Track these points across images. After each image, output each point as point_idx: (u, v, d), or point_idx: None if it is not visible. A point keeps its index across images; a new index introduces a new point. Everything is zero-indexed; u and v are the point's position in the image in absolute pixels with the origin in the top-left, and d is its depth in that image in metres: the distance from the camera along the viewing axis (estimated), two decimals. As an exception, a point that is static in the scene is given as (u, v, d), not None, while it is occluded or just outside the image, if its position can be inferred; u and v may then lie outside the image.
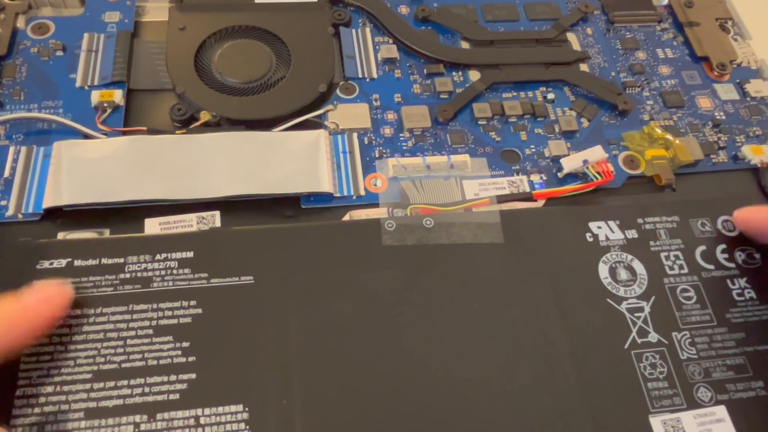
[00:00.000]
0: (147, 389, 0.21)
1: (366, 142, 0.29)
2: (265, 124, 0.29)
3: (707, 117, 0.32)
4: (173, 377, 0.22)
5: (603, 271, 0.26)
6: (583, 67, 0.33)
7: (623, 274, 0.25)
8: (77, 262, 0.24)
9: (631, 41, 0.34)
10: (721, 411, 0.23)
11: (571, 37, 0.34)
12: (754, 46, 0.34)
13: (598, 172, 0.28)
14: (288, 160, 0.27)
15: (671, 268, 0.26)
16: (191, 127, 0.29)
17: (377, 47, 0.32)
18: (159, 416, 0.21)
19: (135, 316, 0.23)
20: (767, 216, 0.26)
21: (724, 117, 0.32)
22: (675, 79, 0.33)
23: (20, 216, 0.25)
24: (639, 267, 0.26)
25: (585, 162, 0.28)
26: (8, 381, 0.21)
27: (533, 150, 0.30)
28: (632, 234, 0.27)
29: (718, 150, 0.31)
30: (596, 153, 0.28)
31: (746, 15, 0.36)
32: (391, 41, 0.33)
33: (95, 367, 0.22)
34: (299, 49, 0.31)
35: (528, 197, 0.28)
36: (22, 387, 0.21)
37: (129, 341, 0.22)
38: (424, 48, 0.32)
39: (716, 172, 0.30)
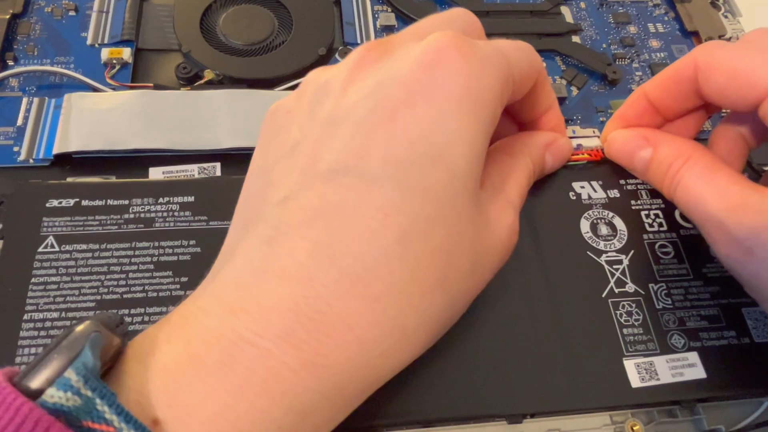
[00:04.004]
0: (147, 318, 0.23)
1: (362, 103, 0.30)
2: (266, 83, 0.30)
3: (694, 89, 0.33)
4: (172, 308, 0.23)
5: (584, 226, 0.27)
6: (575, 38, 0.34)
7: (604, 230, 0.27)
8: (84, 202, 0.25)
9: (623, 15, 0.35)
10: (693, 356, 0.24)
11: (564, 10, 0.35)
12: (744, 22, 0.35)
13: (588, 153, 0.29)
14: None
15: (651, 226, 0.27)
16: (195, 84, 0.30)
17: (376, 15, 0.34)
18: (157, 342, 0.22)
19: (137, 252, 0.24)
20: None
21: (710, 89, 0.33)
22: (664, 53, 0.34)
23: (31, 161, 0.27)
24: (619, 224, 0.27)
25: (579, 146, 0.29)
26: (16, 306, 0.22)
27: (523, 114, 0.31)
28: (614, 193, 0.28)
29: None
30: (591, 141, 0.29)
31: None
32: (389, 9, 0.34)
33: (98, 297, 0.23)
34: (301, 15, 0.33)
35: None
36: (29, 312, 0.22)
37: (131, 275, 0.23)
38: (421, 17, 0.33)
39: (703, 139, 0.31)
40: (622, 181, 0.28)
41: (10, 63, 0.30)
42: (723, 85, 0.22)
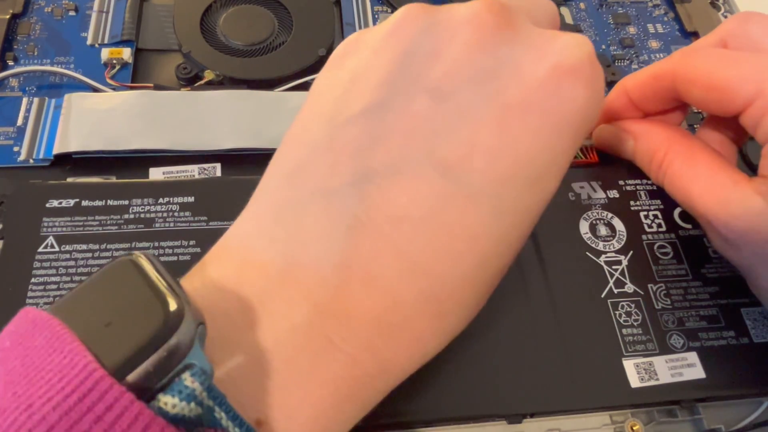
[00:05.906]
0: (147, 318, 0.23)
1: (362, 104, 0.30)
2: (266, 84, 0.30)
3: (694, 89, 0.33)
4: (172, 308, 0.23)
5: (584, 227, 0.27)
6: (575, 39, 0.34)
7: (603, 231, 0.27)
8: (84, 203, 0.25)
9: (622, 16, 0.35)
10: (693, 356, 0.24)
11: (564, 11, 0.35)
12: (743, 24, 0.35)
13: (584, 154, 0.29)
14: (287, 118, 0.29)
15: (650, 226, 0.27)
16: (196, 84, 0.30)
17: (376, 15, 0.34)
18: (157, 342, 0.22)
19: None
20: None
21: (710, 90, 0.33)
22: (664, 53, 0.34)
23: (31, 161, 0.27)
24: (619, 224, 0.27)
25: None
26: (16, 306, 0.22)
27: (523, 115, 0.31)
28: (613, 194, 0.28)
29: (702, 120, 0.32)
30: (588, 141, 0.29)
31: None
32: (389, 10, 0.34)
33: (99, 297, 0.23)
34: (301, 16, 0.33)
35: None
36: (30, 312, 0.22)
37: (131, 275, 0.23)
38: (421, 17, 0.33)
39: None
40: (621, 182, 0.28)
41: (10, 63, 0.30)
42: (702, 98, 0.22)
